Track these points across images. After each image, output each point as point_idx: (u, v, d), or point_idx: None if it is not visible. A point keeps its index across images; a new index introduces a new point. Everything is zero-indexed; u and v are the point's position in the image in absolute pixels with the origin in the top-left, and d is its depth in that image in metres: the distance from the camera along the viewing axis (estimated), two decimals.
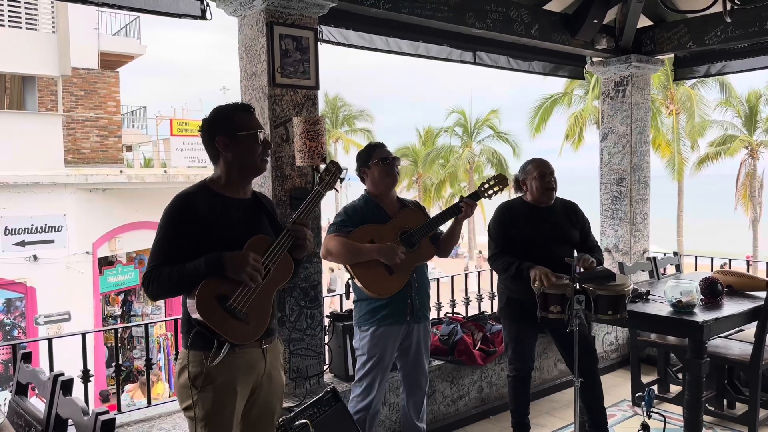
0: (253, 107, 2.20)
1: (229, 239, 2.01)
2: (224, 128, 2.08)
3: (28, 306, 10.45)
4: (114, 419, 1.60)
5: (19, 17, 10.96)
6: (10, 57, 10.73)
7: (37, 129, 10.76)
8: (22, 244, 10.09)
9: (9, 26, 10.84)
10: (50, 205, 10.23)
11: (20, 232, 10.09)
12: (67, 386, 1.89)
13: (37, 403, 2.15)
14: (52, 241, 10.29)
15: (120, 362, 3.06)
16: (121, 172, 11.38)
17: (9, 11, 10.80)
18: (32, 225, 10.20)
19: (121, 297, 11.88)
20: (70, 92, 13.01)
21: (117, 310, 11.86)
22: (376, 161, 3.01)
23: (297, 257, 2.17)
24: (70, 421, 1.88)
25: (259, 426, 2.18)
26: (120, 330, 11.38)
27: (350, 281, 3.00)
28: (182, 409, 2.05)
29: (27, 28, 11.09)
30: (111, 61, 14.91)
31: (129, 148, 17.08)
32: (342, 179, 2.38)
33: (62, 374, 1.93)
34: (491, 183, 3.12)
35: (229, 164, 2.10)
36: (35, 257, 10.14)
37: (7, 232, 9.97)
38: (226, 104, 2.14)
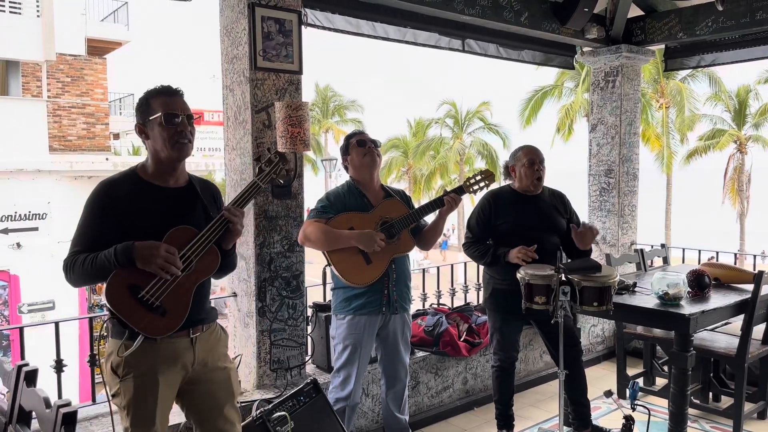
0: (179, 90, 2.06)
1: (150, 229, 1.93)
2: (140, 114, 2.02)
3: (11, 294, 10.32)
4: (75, 412, 1.54)
5: (3, 1, 10.75)
6: None
7: (20, 115, 10.58)
8: (6, 231, 9.96)
9: None
10: (34, 193, 10.09)
11: (4, 219, 9.95)
12: (31, 377, 1.81)
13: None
14: (36, 229, 10.16)
15: (95, 352, 2.97)
16: (106, 159, 11.23)
17: None
18: (16, 212, 10.07)
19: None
20: (56, 78, 12.81)
21: (103, 299, 11.74)
22: (353, 144, 2.98)
23: (225, 247, 2.09)
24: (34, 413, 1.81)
25: (213, 418, 2.13)
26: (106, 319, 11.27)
27: (327, 268, 2.95)
28: (111, 396, 2.00)
29: (11, 12, 10.88)
30: (98, 48, 14.68)
31: (117, 136, 16.91)
32: (287, 171, 2.25)
33: (26, 364, 1.85)
34: (477, 178, 3.06)
35: (150, 151, 2.03)
36: (19, 245, 10.01)
37: None
38: (150, 88, 2.05)
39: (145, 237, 1.90)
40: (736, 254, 5.74)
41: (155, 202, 2.00)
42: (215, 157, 14.27)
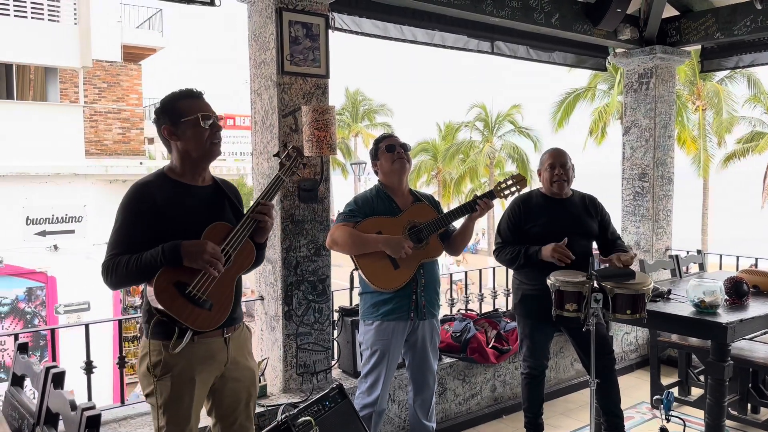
0: (201, 91, 2.12)
1: (187, 227, 1.99)
2: (168, 117, 2.06)
3: (48, 295, 10.56)
4: (99, 415, 1.54)
5: (42, 9, 11.03)
6: (32, 48, 10.83)
7: (58, 120, 10.85)
8: (43, 233, 10.20)
9: (31, 18, 10.92)
10: (71, 196, 10.32)
11: (41, 222, 10.19)
12: (59, 379, 1.83)
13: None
14: (72, 231, 10.39)
15: (124, 354, 3.00)
16: (141, 163, 11.45)
17: (31, 3, 10.88)
18: (53, 215, 10.31)
19: (141, 287, 11.94)
20: (93, 84, 13.12)
21: (137, 301, 11.95)
22: (382, 150, 2.95)
23: (259, 241, 2.17)
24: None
25: (234, 415, 2.18)
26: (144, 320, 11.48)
27: (354, 272, 2.93)
28: (145, 395, 2.06)
29: (49, 20, 11.17)
30: (134, 54, 14.98)
31: (151, 141, 17.19)
32: (304, 165, 2.34)
33: (54, 366, 1.87)
34: (509, 182, 3.01)
35: (179, 152, 2.08)
36: (56, 247, 10.25)
37: (29, 221, 10.08)
38: (172, 92, 2.10)
39: (182, 235, 1.95)
40: None
41: (189, 200, 2.06)
42: (246, 161, 14.43)
